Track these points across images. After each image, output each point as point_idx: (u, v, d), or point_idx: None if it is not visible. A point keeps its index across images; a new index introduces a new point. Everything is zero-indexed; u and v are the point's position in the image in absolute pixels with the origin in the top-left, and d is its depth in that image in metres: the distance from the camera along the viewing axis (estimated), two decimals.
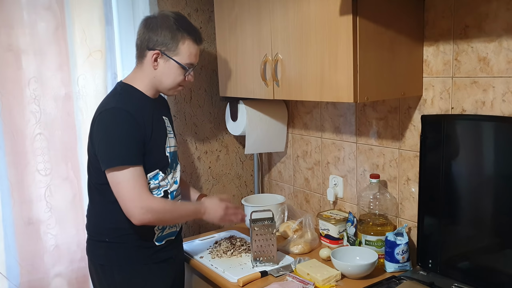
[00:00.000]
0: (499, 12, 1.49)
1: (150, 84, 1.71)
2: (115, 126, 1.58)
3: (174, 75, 1.69)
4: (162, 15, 1.71)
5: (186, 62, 1.69)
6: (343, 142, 2.12)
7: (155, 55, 1.66)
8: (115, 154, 1.57)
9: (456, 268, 1.63)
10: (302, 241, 1.99)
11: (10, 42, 1.86)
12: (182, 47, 1.67)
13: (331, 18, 1.58)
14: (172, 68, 1.68)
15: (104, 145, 1.59)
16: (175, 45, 1.66)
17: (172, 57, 1.67)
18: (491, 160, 1.53)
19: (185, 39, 1.67)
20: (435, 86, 1.71)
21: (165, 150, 1.73)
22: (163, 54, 1.66)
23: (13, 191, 1.91)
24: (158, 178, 1.69)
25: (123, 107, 1.60)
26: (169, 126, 1.80)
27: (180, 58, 1.68)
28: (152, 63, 1.67)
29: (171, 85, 1.71)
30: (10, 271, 1.94)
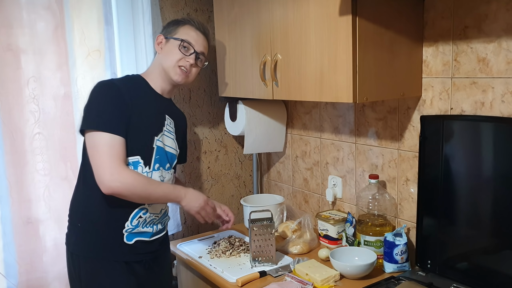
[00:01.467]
0: (498, 12, 1.49)
1: (157, 74, 1.77)
2: (101, 94, 1.62)
3: (172, 51, 1.75)
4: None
5: (182, 38, 1.75)
6: (342, 142, 2.12)
7: (158, 38, 1.79)
8: (96, 117, 1.58)
9: (455, 269, 1.63)
10: (301, 241, 1.99)
11: (10, 41, 1.85)
12: (181, 28, 1.77)
13: (330, 18, 1.58)
14: (171, 45, 1.75)
15: (87, 109, 1.61)
16: (175, 28, 1.78)
17: (172, 36, 1.76)
18: (490, 160, 1.53)
19: (185, 23, 1.79)
20: (435, 87, 1.71)
21: (153, 140, 1.69)
22: (165, 37, 1.77)
23: (12, 191, 1.91)
24: (138, 168, 1.65)
25: (113, 81, 1.69)
26: (171, 128, 1.80)
27: (177, 35, 1.76)
28: (157, 47, 1.79)
29: (170, 64, 1.74)
30: (8, 270, 1.93)
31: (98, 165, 1.55)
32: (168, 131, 1.78)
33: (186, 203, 1.71)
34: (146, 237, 1.72)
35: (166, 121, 1.77)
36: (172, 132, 1.80)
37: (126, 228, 1.66)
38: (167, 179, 1.76)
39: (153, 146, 1.70)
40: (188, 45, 1.75)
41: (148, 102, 1.72)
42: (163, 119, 1.76)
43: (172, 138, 1.80)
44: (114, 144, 1.56)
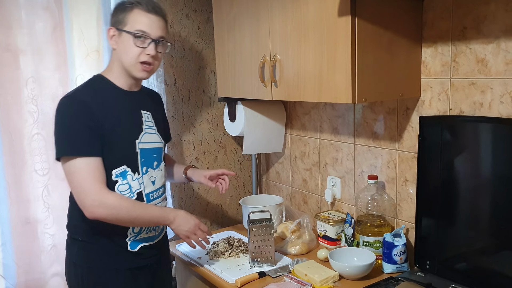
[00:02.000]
0: (497, 13, 1.49)
1: (119, 71, 1.62)
2: (68, 115, 1.52)
3: (128, 47, 1.57)
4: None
5: (134, 29, 1.56)
6: (341, 143, 2.12)
7: (110, 31, 1.60)
8: (67, 143, 1.51)
9: (454, 269, 1.63)
10: (300, 242, 1.99)
11: (8, 42, 1.85)
12: (130, 15, 1.57)
13: (329, 19, 1.58)
14: (125, 40, 1.57)
15: (57, 134, 1.53)
16: (123, 16, 1.57)
17: (122, 28, 1.57)
18: (489, 161, 1.54)
19: (133, 8, 1.57)
20: (433, 88, 1.71)
21: (135, 145, 1.62)
22: (116, 29, 1.59)
23: (10, 191, 1.91)
24: (127, 177, 1.59)
25: (78, 96, 1.55)
26: (150, 122, 1.70)
27: (128, 26, 1.56)
28: (111, 42, 1.61)
29: (129, 61, 1.58)
30: (7, 271, 1.93)
31: (79, 192, 1.50)
32: (148, 127, 1.69)
33: (175, 227, 1.65)
34: (151, 241, 1.70)
35: (143, 117, 1.67)
36: (153, 126, 1.71)
37: (129, 236, 1.63)
38: (159, 177, 1.71)
39: (137, 151, 1.62)
40: (143, 35, 1.56)
41: (119, 106, 1.61)
42: (139, 117, 1.66)
43: (153, 132, 1.71)
44: (90, 167, 1.49)
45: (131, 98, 1.66)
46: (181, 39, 2.30)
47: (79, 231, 1.62)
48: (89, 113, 1.51)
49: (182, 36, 2.31)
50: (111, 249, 1.62)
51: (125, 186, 1.59)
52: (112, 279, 1.63)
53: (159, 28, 1.60)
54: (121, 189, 1.58)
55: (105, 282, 1.63)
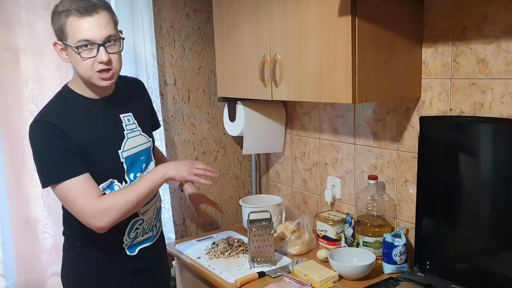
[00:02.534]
0: (498, 14, 1.49)
1: (81, 82, 1.51)
2: (40, 142, 1.45)
3: (78, 61, 1.44)
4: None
5: (75, 41, 1.41)
6: (341, 143, 2.12)
7: (57, 46, 1.47)
8: (47, 173, 1.46)
9: (454, 270, 1.63)
10: (299, 242, 1.99)
11: (9, 41, 1.86)
12: (67, 26, 1.41)
13: (330, 19, 1.58)
14: (72, 53, 1.43)
15: (37, 163, 1.47)
16: (61, 28, 1.42)
17: (66, 41, 1.43)
18: (489, 161, 1.53)
19: (67, 16, 1.40)
20: (434, 88, 1.71)
21: (119, 156, 1.55)
22: (60, 43, 1.46)
23: (10, 191, 1.91)
24: (114, 188, 1.55)
25: (46, 119, 1.45)
26: (132, 123, 1.62)
27: (70, 40, 1.41)
28: (61, 58, 1.49)
29: (84, 74, 1.46)
30: (7, 270, 1.93)
31: (78, 213, 1.47)
32: (131, 130, 1.61)
33: (175, 173, 1.55)
34: (149, 242, 1.69)
35: (123, 122, 1.59)
36: (135, 128, 1.63)
37: (125, 242, 1.61)
38: None
39: (121, 161, 1.56)
40: (87, 43, 1.41)
41: (94, 119, 1.52)
42: (119, 123, 1.58)
43: (137, 134, 1.63)
44: (79, 186, 1.45)
45: (105, 106, 1.56)
46: (181, 38, 2.30)
47: (77, 237, 1.59)
48: (60, 136, 1.44)
49: (182, 36, 2.31)
50: (111, 254, 1.60)
51: None
52: (113, 283, 1.62)
53: (101, 28, 1.42)
54: None
55: (106, 286, 1.62)
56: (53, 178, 1.46)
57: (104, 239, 1.55)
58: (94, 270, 1.60)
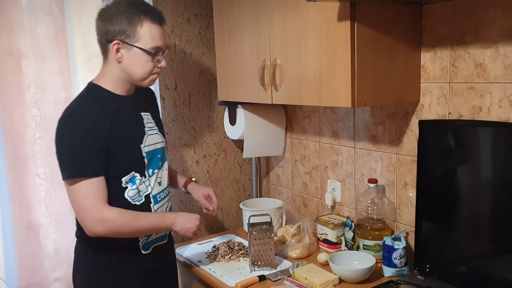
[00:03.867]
0: (495, 18, 1.50)
1: (118, 80, 1.58)
2: (71, 135, 1.49)
3: (141, 63, 1.54)
4: (115, 1, 1.56)
5: (150, 47, 1.53)
6: (341, 146, 2.12)
7: (115, 45, 1.52)
8: (68, 166, 1.50)
9: (454, 273, 1.64)
10: (300, 246, 1.99)
11: (11, 46, 1.87)
12: (142, 30, 1.51)
13: (329, 24, 1.59)
14: (137, 56, 1.53)
15: (59, 155, 1.51)
16: (133, 29, 1.51)
17: (134, 43, 1.52)
18: (488, 165, 1.54)
19: (142, 21, 1.51)
20: (433, 92, 1.72)
21: (141, 150, 1.62)
22: (124, 42, 1.52)
23: (12, 195, 1.91)
24: (136, 182, 1.59)
25: (80, 114, 1.51)
26: (151, 122, 1.70)
27: (142, 43, 1.52)
28: (116, 56, 1.54)
29: (141, 75, 1.57)
30: (9, 275, 1.94)
31: (79, 211, 1.51)
32: (150, 128, 1.68)
33: (180, 228, 1.65)
34: (163, 240, 1.73)
35: (144, 119, 1.67)
36: (154, 127, 1.71)
37: (141, 240, 1.65)
38: (164, 177, 1.73)
39: (143, 155, 1.62)
40: (158, 51, 1.56)
41: (121, 113, 1.58)
42: (140, 119, 1.65)
43: (155, 133, 1.71)
44: (92, 187, 1.49)
45: (130, 103, 1.64)
46: (182, 43, 2.32)
47: (92, 239, 1.59)
48: (93, 130, 1.49)
49: (183, 40, 2.32)
50: (124, 254, 1.63)
51: (134, 191, 1.60)
52: (125, 284, 1.64)
53: (165, 38, 1.59)
54: (130, 194, 1.59)
55: (119, 287, 1.64)
56: (74, 172, 1.49)
57: (122, 239, 1.58)
58: (107, 272, 1.62)
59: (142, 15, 1.52)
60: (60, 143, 1.51)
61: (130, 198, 1.59)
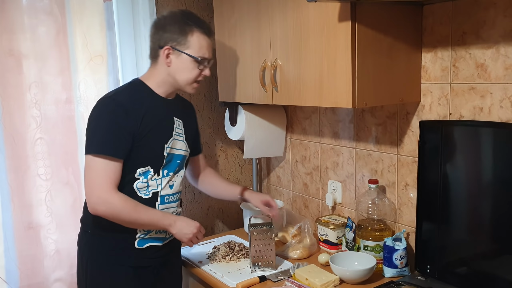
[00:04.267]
0: (496, 19, 1.50)
1: (162, 82, 1.71)
2: (103, 114, 1.61)
3: (188, 69, 1.68)
4: (170, 12, 1.73)
5: (198, 55, 1.67)
6: (342, 147, 2.12)
7: (166, 51, 1.66)
8: (94, 141, 1.59)
9: (455, 274, 1.63)
10: (300, 246, 1.99)
11: (11, 47, 1.87)
12: (192, 39, 1.66)
13: (329, 24, 1.59)
14: (185, 62, 1.67)
15: (89, 131, 1.62)
16: (184, 38, 1.65)
17: (184, 50, 1.66)
18: (489, 165, 1.54)
19: (193, 31, 1.66)
20: (433, 92, 1.72)
21: (163, 149, 1.69)
22: (174, 49, 1.65)
23: (13, 196, 1.92)
24: (148, 176, 1.66)
25: (116, 98, 1.63)
26: (180, 129, 1.78)
27: (191, 51, 1.66)
28: (165, 61, 1.67)
29: (187, 80, 1.69)
30: (9, 275, 1.94)
31: (88, 186, 1.58)
32: (178, 134, 1.77)
33: (177, 231, 1.70)
34: (159, 243, 1.75)
35: (175, 123, 1.76)
36: (182, 134, 1.79)
37: (138, 233, 1.69)
38: (178, 182, 1.78)
39: (164, 154, 1.70)
40: (205, 60, 1.70)
41: (155, 111, 1.68)
42: (172, 123, 1.75)
43: (182, 140, 1.79)
44: (108, 167, 1.57)
45: (167, 105, 1.74)
46: None
47: (90, 224, 1.68)
48: (124, 116, 1.59)
49: None
50: (117, 245, 1.67)
51: (143, 184, 1.67)
52: (115, 275, 1.68)
53: (211, 49, 1.73)
54: (139, 186, 1.66)
55: (108, 276, 1.68)
56: (96, 148, 1.58)
57: (120, 227, 1.63)
58: (99, 259, 1.68)
59: (193, 25, 1.66)
60: (93, 120, 1.62)
61: (137, 189, 1.66)
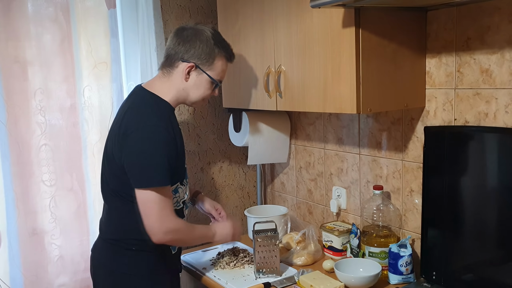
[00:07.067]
0: (501, 24, 1.50)
1: (176, 96, 1.69)
2: (155, 145, 1.55)
3: (204, 89, 1.69)
4: (198, 27, 1.70)
5: (217, 78, 1.70)
6: (346, 153, 2.12)
7: (189, 68, 1.64)
8: (149, 175, 1.54)
9: (460, 280, 1.62)
10: (305, 253, 1.98)
11: (17, 54, 1.88)
12: (218, 63, 1.68)
13: (334, 30, 1.60)
14: (204, 82, 1.68)
15: (140, 163, 1.55)
16: (211, 60, 1.66)
17: (206, 71, 1.67)
18: (494, 171, 1.53)
19: (221, 55, 1.68)
20: (438, 98, 1.72)
21: (185, 161, 1.75)
22: (198, 67, 1.66)
23: (18, 202, 1.92)
24: (178, 191, 1.69)
25: (162, 124, 1.58)
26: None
27: (213, 73, 1.68)
28: (184, 75, 1.65)
29: (198, 98, 1.71)
30: (14, 281, 1.94)
31: (152, 221, 1.56)
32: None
33: (220, 239, 1.79)
34: None
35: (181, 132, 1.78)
36: None
37: None
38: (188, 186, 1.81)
39: (185, 167, 1.76)
40: (219, 82, 1.72)
41: (177, 127, 1.70)
42: (181, 134, 1.74)
43: None
44: (164, 197, 1.56)
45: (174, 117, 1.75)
46: None
47: (132, 242, 1.65)
48: (170, 142, 1.59)
49: None
50: (160, 254, 1.69)
51: (175, 199, 1.68)
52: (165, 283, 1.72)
53: None
54: (173, 201, 1.66)
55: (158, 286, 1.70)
56: (153, 182, 1.54)
57: None
58: (148, 272, 1.68)
59: (222, 50, 1.69)
60: (143, 153, 1.54)
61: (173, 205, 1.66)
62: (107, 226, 1.72)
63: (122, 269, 1.67)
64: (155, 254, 1.67)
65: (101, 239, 1.74)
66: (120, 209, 1.67)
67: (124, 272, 1.67)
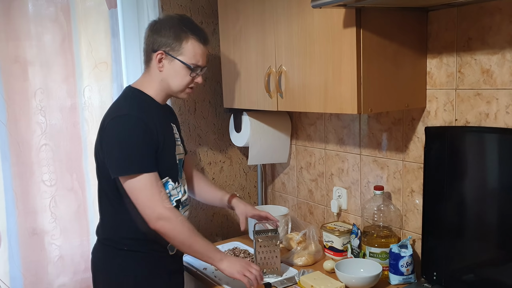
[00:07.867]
0: (502, 24, 1.50)
1: (159, 89, 1.68)
2: (128, 132, 1.55)
3: (180, 75, 1.65)
4: (166, 16, 1.71)
5: (191, 62, 1.64)
6: (347, 153, 2.12)
7: (159, 55, 1.63)
8: (130, 161, 1.54)
9: (461, 281, 1.62)
10: (306, 253, 1.98)
11: (17, 54, 1.88)
12: (186, 46, 1.62)
13: (334, 30, 1.60)
14: (178, 68, 1.64)
15: (117, 152, 1.56)
16: (178, 44, 1.62)
17: (176, 56, 1.63)
18: (495, 171, 1.53)
19: (188, 38, 1.63)
20: (439, 98, 1.71)
21: (175, 157, 1.71)
22: (167, 54, 1.62)
23: (18, 202, 1.92)
24: (169, 187, 1.66)
25: (135, 114, 1.57)
26: (177, 133, 1.78)
27: (184, 57, 1.63)
28: (157, 65, 1.64)
29: (179, 87, 1.67)
30: (13, 281, 1.94)
31: (146, 207, 1.56)
32: (177, 139, 1.76)
33: (226, 267, 1.64)
34: None
35: (173, 129, 1.75)
36: (178, 138, 1.78)
37: None
38: (185, 185, 1.79)
39: (177, 162, 1.72)
40: (197, 67, 1.67)
41: (161, 121, 1.66)
42: (171, 129, 1.74)
43: (180, 144, 1.78)
44: (152, 182, 1.55)
45: (164, 112, 1.74)
46: None
47: (124, 242, 1.65)
48: (146, 130, 1.57)
49: None
50: (155, 255, 1.68)
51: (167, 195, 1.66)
52: (154, 284, 1.68)
53: (205, 57, 1.69)
54: None
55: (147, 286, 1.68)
56: (135, 168, 1.54)
57: (153, 240, 1.63)
58: (140, 273, 1.66)
59: (189, 32, 1.63)
60: (119, 142, 1.56)
61: None
62: (100, 226, 1.74)
63: (116, 270, 1.68)
64: (149, 255, 1.66)
65: (97, 241, 1.75)
66: (108, 208, 1.69)
67: (118, 273, 1.67)
